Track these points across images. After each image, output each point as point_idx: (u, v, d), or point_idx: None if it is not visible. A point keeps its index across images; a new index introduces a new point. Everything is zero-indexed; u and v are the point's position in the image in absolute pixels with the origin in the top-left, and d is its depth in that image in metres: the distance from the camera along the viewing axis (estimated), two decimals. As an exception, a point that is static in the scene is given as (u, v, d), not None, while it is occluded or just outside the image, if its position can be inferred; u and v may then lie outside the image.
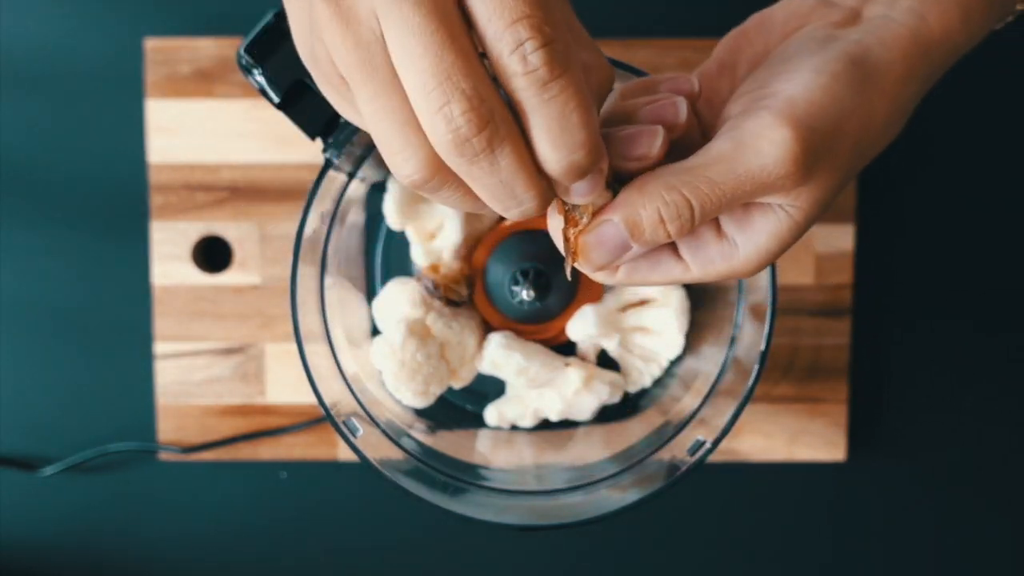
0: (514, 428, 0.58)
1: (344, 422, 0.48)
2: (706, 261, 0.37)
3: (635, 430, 0.55)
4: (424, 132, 0.30)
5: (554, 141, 0.30)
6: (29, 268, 0.65)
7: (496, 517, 0.48)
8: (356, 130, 0.46)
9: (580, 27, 0.33)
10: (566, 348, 0.57)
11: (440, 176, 0.31)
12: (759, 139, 0.34)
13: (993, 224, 0.65)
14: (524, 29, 0.29)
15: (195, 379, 0.64)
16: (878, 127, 0.36)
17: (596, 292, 0.57)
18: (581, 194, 0.32)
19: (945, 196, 0.65)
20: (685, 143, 0.37)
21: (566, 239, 0.36)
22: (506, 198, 0.31)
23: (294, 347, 0.48)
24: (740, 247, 0.36)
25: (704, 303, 0.57)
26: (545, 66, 0.29)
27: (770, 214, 0.36)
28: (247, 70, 0.46)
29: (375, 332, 0.57)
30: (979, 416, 0.66)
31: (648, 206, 0.34)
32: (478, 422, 0.58)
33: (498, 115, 0.30)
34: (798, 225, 0.36)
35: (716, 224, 0.37)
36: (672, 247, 0.37)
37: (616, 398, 0.57)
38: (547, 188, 0.32)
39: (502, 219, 0.57)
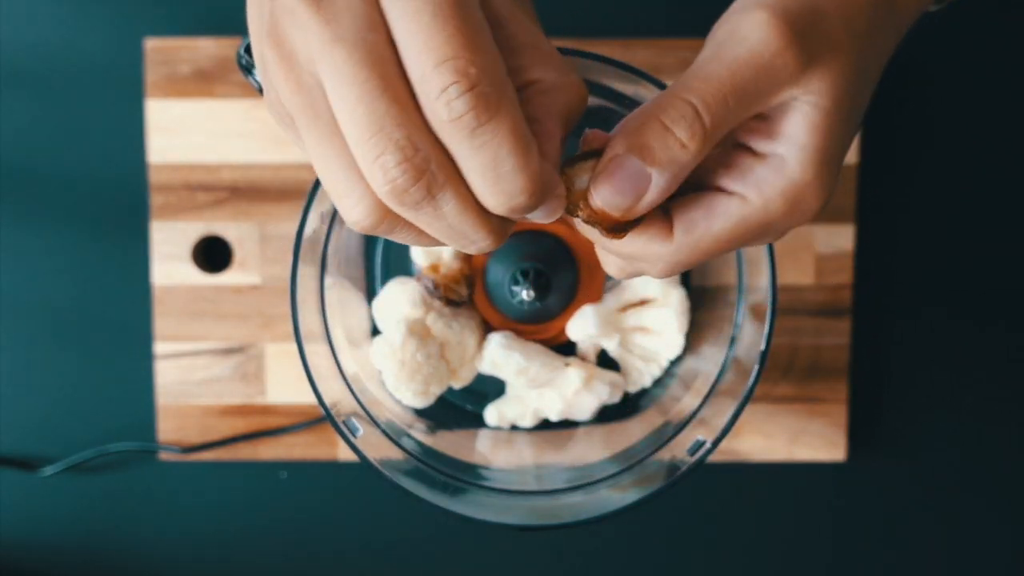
0: (514, 428, 0.58)
1: (344, 422, 0.48)
2: (760, 183, 0.34)
3: (635, 430, 0.55)
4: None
5: (490, 188, 0.29)
6: (29, 268, 0.65)
7: (496, 517, 0.48)
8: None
9: (540, 42, 0.31)
10: (566, 348, 0.57)
11: (389, 220, 0.30)
12: (738, 30, 0.33)
13: (993, 224, 0.65)
14: (448, 73, 0.27)
15: (195, 379, 0.64)
16: (862, 1, 0.35)
17: (596, 292, 0.57)
18: (541, 219, 0.32)
19: (945, 196, 0.65)
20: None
21: (583, 216, 0.34)
22: (458, 239, 0.31)
23: (294, 347, 0.48)
24: (786, 155, 0.34)
25: (704, 303, 0.57)
26: (471, 112, 0.28)
27: (795, 111, 0.34)
28: (247, 70, 0.46)
29: (375, 332, 0.57)
30: (979, 416, 0.66)
31: (649, 123, 0.32)
32: (478, 422, 0.58)
33: (435, 163, 0.28)
34: (829, 113, 0.34)
35: (749, 149, 0.35)
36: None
37: (616, 398, 0.57)
38: (499, 224, 0.31)
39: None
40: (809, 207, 0.35)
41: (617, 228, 0.34)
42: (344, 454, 0.65)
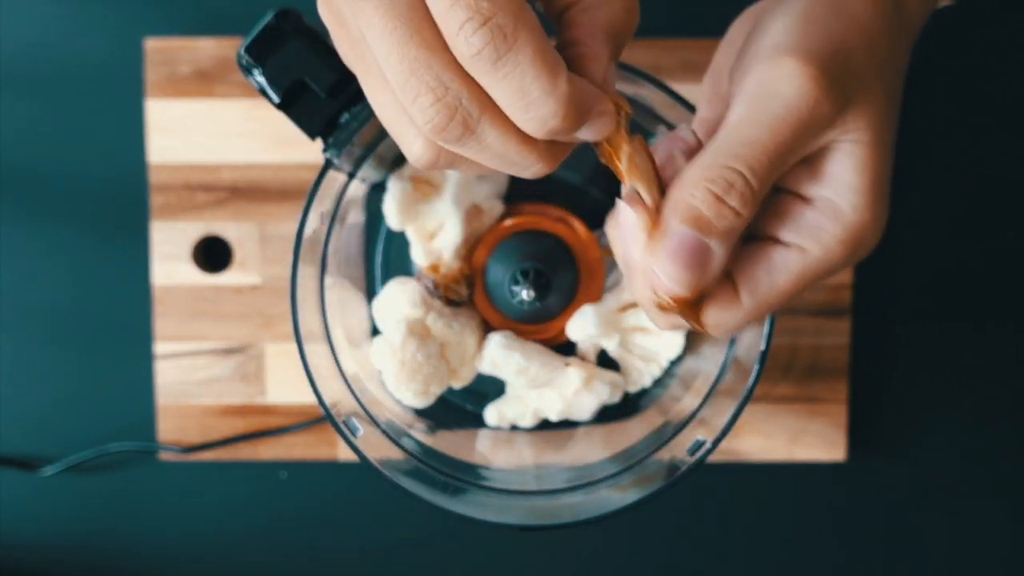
0: (514, 428, 0.58)
1: (344, 422, 0.48)
2: (816, 231, 0.34)
3: (635, 430, 0.55)
4: None
5: (522, 116, 0.30)
6: (29, 268, 0.65)
7: (496, 517, 0.48)
8: (356, 130, 0.47)
9: None
10: (566, 348, 0.57)
11: (445, 155, 0.32)
12: (770, 83, 0.33)
13: (994, 223, 0.65)
14: (462, 10, 0.28)
15: (195, 379, 0.64)
16: (880, 29, 0.35)
17: (596, 292, 0.57)
18: (591, 137, 0.32)
19: (945, 196, 0.65)
20: None
21: (662, 307, 0.34)
22: (510, 165, 0.31)
23: (294, 347, 0.48)
24: (838, 200, 0.34)
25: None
26: (489, 46, 0.28)
27: (838, 152, 0.34)
28: (247, 70, 0.46)
29: (375, 332, 0.57)
30: (979, 416, 0.66)
31: (697, 192, 0.33)
32: (478, 422, 0.58)
33: (467, 98, 0.29)
34: (872, 147, 0.34)
35: (796, 195, 0.35)
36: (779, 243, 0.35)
37: (616, 398, 0.57)
38: (547, 148, 0.31)
39: (502, 219, 0.57)
40: (869, 245, 0.35)
41: (692, 303, 0.34)
42: (344, 454, 0.65)
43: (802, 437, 0.65)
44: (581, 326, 0.56)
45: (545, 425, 0.58)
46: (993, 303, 0.66)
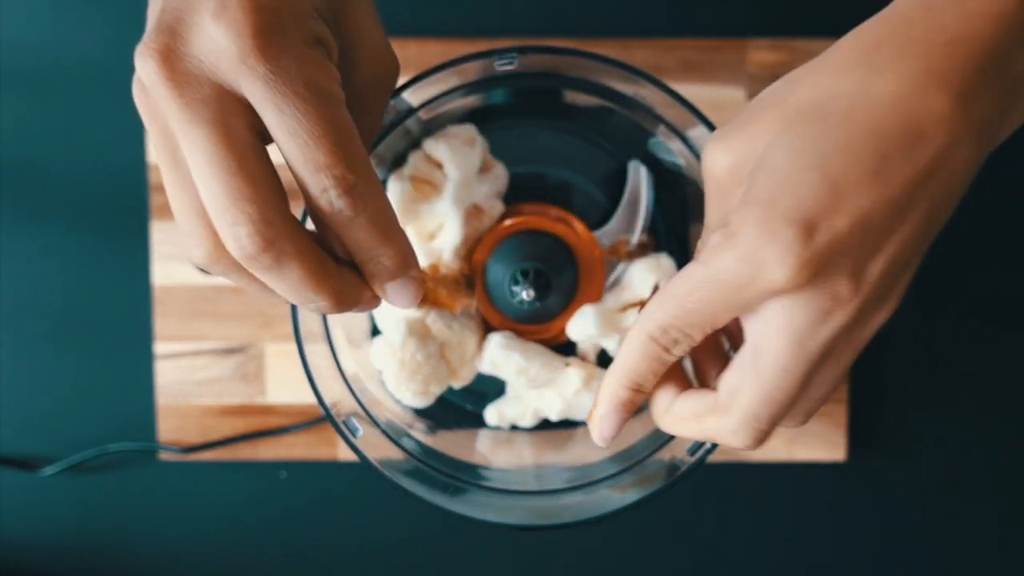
0: (514, 428, 0.58)
1: (344, 422, 0.48)
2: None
3: (635, 430, 0.55)
4: (211, 224, 0.32)
5: (364, 253, 0.34)
6: (29, 268, 0.65)
7: (496, 517, 0.48)
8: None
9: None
10: (566, 348, 0.57)
11: (224, 265, 0.33)
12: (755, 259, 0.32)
13: (994, 223, 0.65)
14: (327, 179, 0.31)
15: (195, 379, 0.64)
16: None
17: (596, 292, 0.57)
18: (397, 298, 0.35)
19: (945, 196, 0.65)
20: None
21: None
22: (295, 298, 0.34)
23: (294, 347, 0.48)
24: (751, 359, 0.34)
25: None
26: (349, 208, 0.32)
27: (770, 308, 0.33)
28: (247, 70, 0.46)
29: (375, 332, 0.57)
30: (979, 416, 0.66)
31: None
32: (478, 422, 0.58)
33: (284, 235, 0.32)
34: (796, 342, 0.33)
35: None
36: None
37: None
38: (338, 289, 0.34)
39: (502, 219, 0.57)
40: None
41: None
42: (344, 454, 0.65)
43: (802, 437, 0.65)
44: (581, 326, 0.56)
45: (545, 425, 0.58)
46: (993, 303, 0.66)
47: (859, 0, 0.60)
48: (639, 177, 0.56)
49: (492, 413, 0.58)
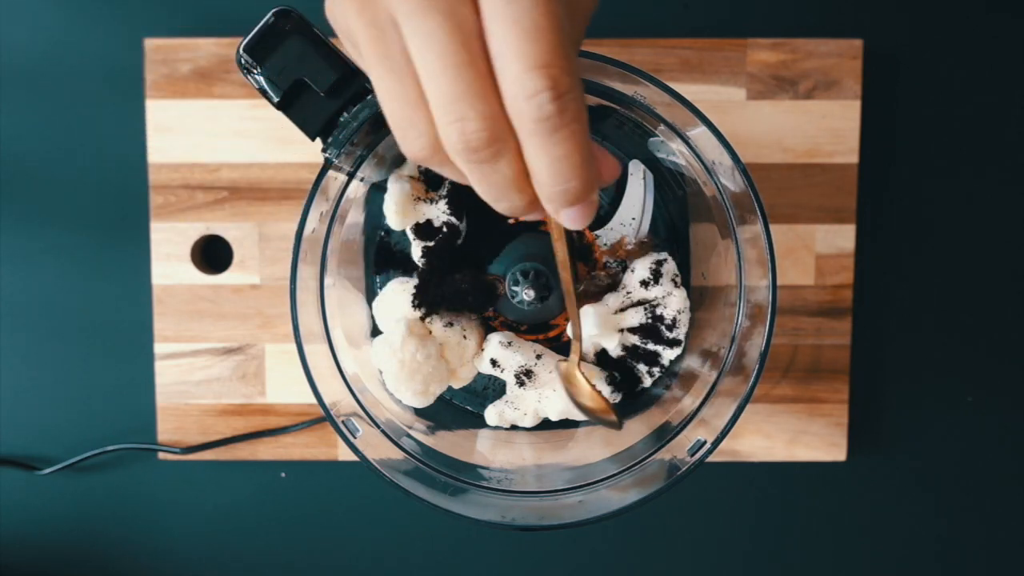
0: (514, 428, 0.58)
1: (344, 422, 0.48)
2: None
3: (635, 430, 0.55)
4: (431, 115, 0.31)
5: (552, 176, 0.32)
6: (30, 268, 0.65)
7: (496, 517, 0.48)
8: (356, 130, 0.46)
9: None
10: (566, 348, 0.57)
11: (440, 157, 0.33)
12: None
13: (993, 223, 0.65)
14: (542, 79, 0.30)
15: (195, 379, 0.64)
16: None
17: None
18: (572, 219, 0.34)
19: (945, 196, 0.65)
20: None
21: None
22: (498, 195, 0.33)
23: (294, 347, 0.48)
24: None
25: (704, 303, 0.57)
26: (557, 116, 0.30)
27: None
28: (247, 70, 0.46)
29: (375, 332, 0.57)
30: (979, 416, 0.66)
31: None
32: (478, 422, 0.58)
33: (508, 131, 0.31)
34: None
35: None
36: None
37: (616, 398, 0.57)
38: (533, 199, 0.33)
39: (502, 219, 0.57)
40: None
41: None
42: (344, 454, 0.65)
43: (802, 437, 0.65)
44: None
45: (545, 425, 0.58)
46: (993, 303, 0.66)
47: (859, 0, 0.60)
48: (639, 177, 0.56)
49: (492, 413, 0.58)
